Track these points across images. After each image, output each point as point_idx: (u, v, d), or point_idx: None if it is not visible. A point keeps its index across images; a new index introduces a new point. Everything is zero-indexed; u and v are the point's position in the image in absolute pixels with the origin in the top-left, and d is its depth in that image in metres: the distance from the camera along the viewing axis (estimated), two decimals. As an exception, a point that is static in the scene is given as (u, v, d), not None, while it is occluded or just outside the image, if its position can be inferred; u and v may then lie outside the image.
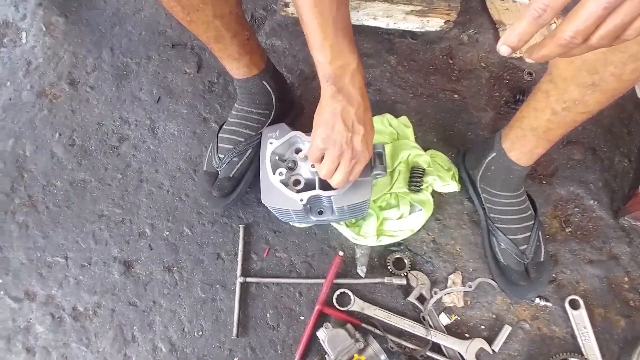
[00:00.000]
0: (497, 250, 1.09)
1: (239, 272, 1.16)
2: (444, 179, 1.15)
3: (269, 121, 1.15)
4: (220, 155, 1.14)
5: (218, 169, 1.14)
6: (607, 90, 0.75)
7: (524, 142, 0.97)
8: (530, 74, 1.31)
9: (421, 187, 1.14)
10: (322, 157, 0.86)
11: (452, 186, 1.16)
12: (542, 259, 1.07)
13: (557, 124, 0.88)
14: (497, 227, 1.08)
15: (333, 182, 0.88)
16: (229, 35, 0.96)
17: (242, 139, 1.13)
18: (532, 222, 1.08)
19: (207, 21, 0.90)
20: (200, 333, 1.14)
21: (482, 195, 1.12)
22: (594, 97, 0.78)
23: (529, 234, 1.06)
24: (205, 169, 1.17)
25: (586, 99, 0.79)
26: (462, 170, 1.17)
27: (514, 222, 1.07)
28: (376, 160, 0.97)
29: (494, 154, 1.04)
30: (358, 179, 0.97)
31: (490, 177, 1.08)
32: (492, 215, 1.10)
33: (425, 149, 1.20)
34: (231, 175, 1.14)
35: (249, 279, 1.15)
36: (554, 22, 1.30)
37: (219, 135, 1.16)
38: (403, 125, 1.23)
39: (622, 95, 0.79)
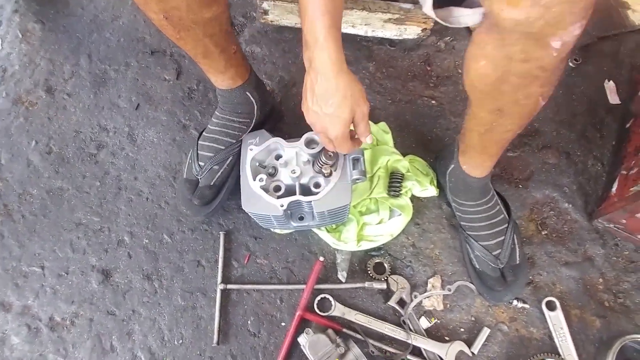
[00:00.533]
0: (472, 257, 1.11)
1: (219, 279, 1.15)
2: (422, 184, 1.17)
3: (250, 129, 1.15)
4: (200, 163, 1.13)
5: (199, 177, 1.14)
6: (514, 114, 0.80)
7: (470, 156, 1.00)
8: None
9: (400, 192, 1.15)
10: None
11: (431, 191, 1.18)
12: (517, 262, 1.08)
13: (488, 141, 0.92)
14: (468, 234, 1.10)
15: (362, 138, 0.86)
16: (217, 51, 0.96)
17: (223, 147, 1.13)
18: (506, 225, 1.09)
19: (196, 39, 0.91)
20: (181, 341, 1.12)
21: (452, 204, 1.14)
22: (505, 120, 0.81)
23: (502, 238, 1.08)
24: (185, 176, 1.17)
25: (500, 122, 0.82)
26: (440, 175, 1.19)
27: (484, 229, 1.09)
28: (355, 165, 0.98)
29: (452, 166, 1.08)
30: (338, 183, 0.98)
31: (453, 188, 1.11)
32: (462, 223, 1.12)
33: (404, 154, 1.21)
34: (212, 184, 1.13)
35: (229, 286, 1.14)
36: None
37: (199, 142, 1.15)
38: (382, 131, 1.25)
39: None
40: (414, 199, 1.18)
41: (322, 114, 0.80)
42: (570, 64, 1.34)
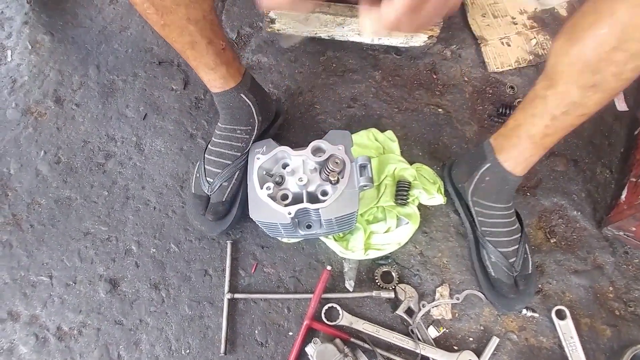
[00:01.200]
0: (487, 264, 1.09)
1: (226, 288, 1.15)
2: (429, 192, 1.16)
3: (253, 137, 1.15)
4: (209, 179, 1.13)
5: (209, 194, 1.14)
6: (607, 90, 0.77)
7: (519, 150, 0.97)
8: (512, 87, 1.33)
9: (408, 201, 1.15)
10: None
11: (438, 199, 1.17)
12: (529, 271, 1.08)
13: (554, 129, 0.89)
14: (487, 240, 1.08)
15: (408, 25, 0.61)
16: (204, 42, 0.95)
17: (229, 162, 1.12)
18: (520, 234, 1.09)
19: (181, 25, 0.90)
20: (188, 351, 1.12)
21: (474, 209, 1.11)
22: (594, 98, 0.79)
23: (517, 246, 1.07)
24: (193, 191, 1.16)
25: (586, 101, 0.80)
26: (448, 183, 1.18)
27: (504, 235, 1.08)
28: (362, 172, 0.98)
29: (488, 165, 1.04)
30: (345, 191, 0.98)
31: (484, 189, 1.07)
32: (483, 228, 1.10)
33: (410, 163, 1.21)
34: (223, 200, 1.13)
35: (236, 295, 1.14)
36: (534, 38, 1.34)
37: (205, 156, 1.15)
38: (389, 140, 1.25)
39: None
40: (421, 207, 1.18)
41: None
42: (577, 71, 1.34)
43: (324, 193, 1.01)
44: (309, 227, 1.07)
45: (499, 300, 1.09)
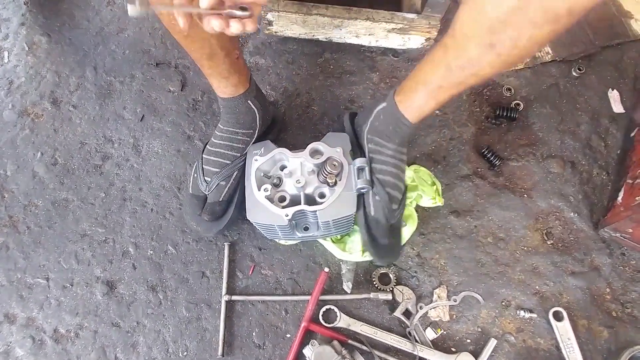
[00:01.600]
0: (370, 202, 1.04)
1: (224, 290, 1.15)
2: (427, 194, 1.16)
3: (253, 141, 1.15)
4: (207, 179, 1.13)
5: (206, 193, 1.14)
6: (503, 54, 0.77)
7: (414, 96, 0.96)
8: (509, 89, 1.33)
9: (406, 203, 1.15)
10: None
11: (437, 201, 1.17)
12: (401, 226, 1.08)
13: (448, 82, 0.89)
14: (376, 177, 1.04)
15: None
16: (222, 53, 0.96)
17: (228, 161, 1.13)
18: (404, 191, 1.08)
19: (203, 37, 0.91)
20: (185, 353, 1.12)
21: (367, 146, 1.07)
22: (488, 58, 0.79)
23: (401, 197, 1.06)
24: (191, 191, 1.16)
25: (481, 60, 0.80)
26: (349, 128, 1.14)
27: (392, 176, 1.05)
28: (360, 174, 0.98)
29: (384, 104, 1.03)
30: (343, 193, 0.98)
31: (377, 127, 1.05)
32: (373, 165, 1.05)
33: (408, 164, 1.21)
34: (220, 200, 1.13)
35: (234, 297, 1.14)
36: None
37: (204, 156, 1.15)
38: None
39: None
40: (418, 209, 1.18)
41: None
42: (574, 74, 1.35)
43: (322, 195, 1.01)
44: (306, 229, 1.07)
45: (372, 243, 1.04)
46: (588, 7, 0.64)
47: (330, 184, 0.99)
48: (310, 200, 1.01)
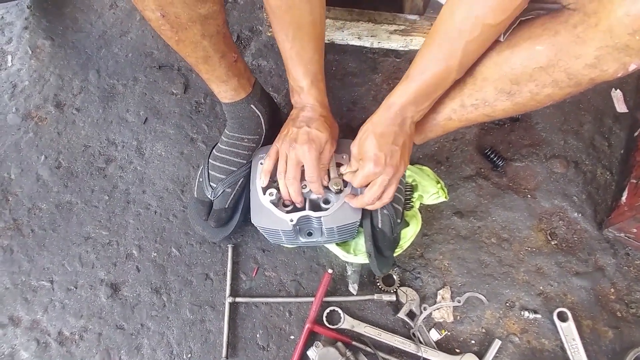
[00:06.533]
0: (377, 213, 1.04)
1: (227, 292, 1.15)
2: (427, 189, 1.16)
3: (259, 146, 1.15)
4: (212, 185, 1.12)
5: (212, 199, 1.13)
6: (518, 103, 0.80)
7: (423, 122, 0.97)
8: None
9: (412, 204, 1.14)
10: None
11: (440, 195, 1.17)
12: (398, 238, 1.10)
13: (459, 116, 0.91)
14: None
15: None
16: (217, 56, 0.96)
17: (234, 168, 1.12)
18: (404, 206, 1.10)
19: (195, 41, 0.91)
20: (189, 355, 1.12)
21: None
22: (503, 105, 0.81)
23: (402, 211, 1.08)
24: (196, 195, 1.16)
25: (496, 104, 0.82)
26: None
27: (397, 191, 1.05)
28: None
29: None
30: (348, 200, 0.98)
31: None
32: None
33: (410, 164, 1.21)
34: (226, 206, 1.12)
35: (238, 299, 1.14)
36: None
37: (210, 161, 1.14)
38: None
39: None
40: (421, 209, 1.18)
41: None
42: (577, 73, 1.34)
43: (327, 201, 1.00)
44: (309, 234, 1.07)
45: (377, 255, 1.04)
46: (609, 79, 0.67)
47: (336, 190, 0.98)
48: (315, 206, 1.01)
